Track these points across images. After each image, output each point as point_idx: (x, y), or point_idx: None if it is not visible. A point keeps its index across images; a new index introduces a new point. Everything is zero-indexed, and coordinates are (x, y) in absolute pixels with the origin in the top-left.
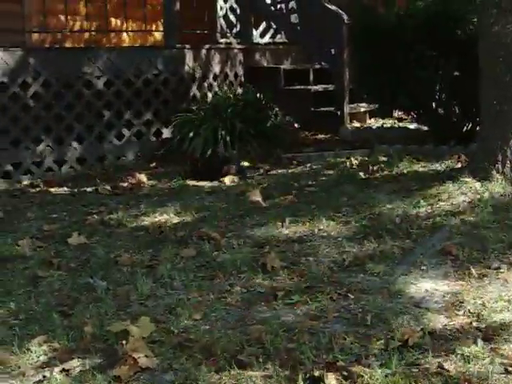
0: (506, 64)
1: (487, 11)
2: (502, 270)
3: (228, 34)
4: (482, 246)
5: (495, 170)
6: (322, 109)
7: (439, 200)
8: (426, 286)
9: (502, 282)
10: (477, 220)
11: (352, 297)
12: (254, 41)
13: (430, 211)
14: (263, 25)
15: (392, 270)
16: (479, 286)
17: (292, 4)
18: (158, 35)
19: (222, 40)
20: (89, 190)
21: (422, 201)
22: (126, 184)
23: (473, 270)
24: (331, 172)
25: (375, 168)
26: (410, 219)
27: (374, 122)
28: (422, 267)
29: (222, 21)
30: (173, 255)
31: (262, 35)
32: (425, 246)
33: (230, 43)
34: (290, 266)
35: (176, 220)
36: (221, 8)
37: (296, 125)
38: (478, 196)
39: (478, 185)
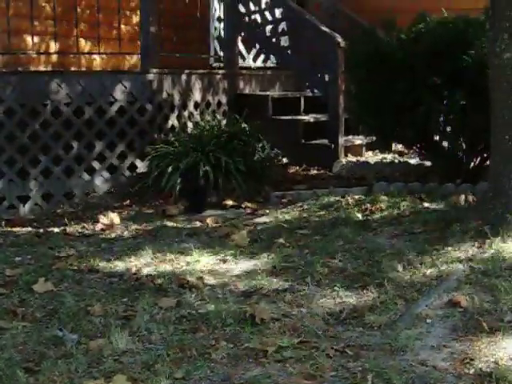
0: None
1: (498, 37)
2: None
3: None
4: (494, 297)
5: (507, 211)
6: (314, 141)
7: (445, 245)
8: (433, 341)
9: None
10: (487, 267)
11: (350, 353)
12: (240, 65)
13: (435, 257)
14: (250, 48)
15: (394, 323)
16: (491, 341)
17: (282, 25)
18: (135, 58)
19: (216, 64)
20: (56, 230)
21: (426, 246)
22: (97, 224)
23: (484, 324)
24: (325, 212)
25: (374, 208)
26: (414, 266)
27: (371, 156)
28: (428, 320)
29: (216, 43)
30: (151, 305)
31: (249, 59)
32: (430, 296)
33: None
34: (282, 318)
35: (154, 265)
36: (215, 29)
37: (285, 159)
38: (489, 241)
39: (488, 228)
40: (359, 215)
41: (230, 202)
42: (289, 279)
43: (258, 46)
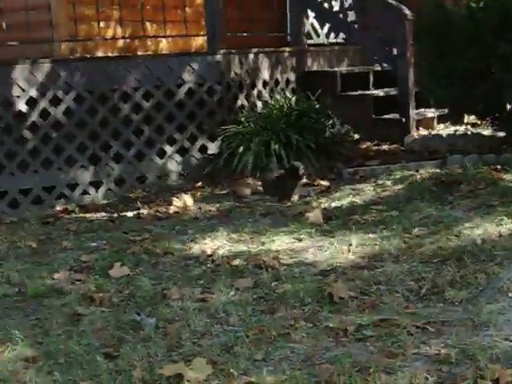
0: None
1: None
2: None
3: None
4: None
5: None
6: (385, 116)
7: None
8: None
9: None
10: None
11: (432, 330)
12: (314, 41)
13: None
14: (322, 24)
15: (475, 298)
16: None
17: (349, 1)
18: (201, 40)
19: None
20: (129, 214)
21: (505, 218)
22: (170, 207)
23: None
24: (399, 187)
25: (449, 181)
26: (493, 239)
27: (443, 129)
28: (510, 294)
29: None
30: (227, 287)
31: (323, 35)
32: (511, 269)
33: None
34: (360, 296)
35: (229, 247)
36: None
37: (356, 135)
38: None
39: None
40: (434, 189)
41: (303, 180)
42: (366, 256)
43: (327, 22)
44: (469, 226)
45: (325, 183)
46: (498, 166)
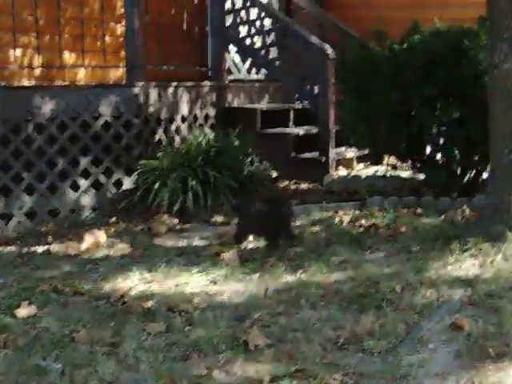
0: None
1: (496, 47)
2: None
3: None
4: (498, 319)
5: (509, 228)
6: (305, 154)
7: (445, 264)
8: (436, 368)
9: None
10: (490, 288)
11: (350, 382)
12: (234, 77)
13: (435, 277)
14: (237, 59)
15: (395, 348)
16: (498, 368)
17: (272, 37)
18: (121, 71)
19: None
20: (40, 250)
21: (425, 264)
22: (82, 243)
23: (489, 349)
24: (318, 229)
25: (369, 224)
26: (413, 287)
27: (363, 169)
28: (430, 345)
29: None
30: (139, 330)
31: (243, 70)
32: (432, 319)
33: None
34: (276, 343)
35: (142, 287)
36: None
37: (275, 173)
38: (490, 259)
39: (488, 245)
40: (354, 232)
41: (219, 219)
42: (282, 301)
43: (249, 57)
44: (388, 273)
45: None
46: (419, 210)
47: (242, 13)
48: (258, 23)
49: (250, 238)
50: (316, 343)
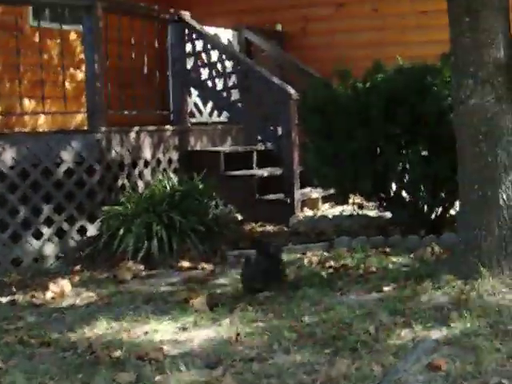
0: (488, 142)
1: (462, 83)
2: None
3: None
4: (476, 358)
5: (481, 264)
6: (269, 196)
7: (418, 303)
8: None
9: None
10: (465, 326)
11: None
12: (198, 120)
13: (408, 316)
14: (199, 102)
15: None
16: None
17: (233, 79)
18: (82, 117)
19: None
20: (3, 300)
21: (398, 304)
22: (47, 292)
23: None
24: (287, 272)
25: (338, 265)
26: (388, 327)
27: (328, 209)
28: None
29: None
30: (108, 381)
31: (206, 113)
32: (408, 360)
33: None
34: None
35: (110, 336)
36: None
37: (240, 216)
38: (464, 297)
39: (461, 283)
40: (323, 273)
41: (185, 264)
42: (255, 347)
43: (210, 100)
44: (361, 314)
45: (209, 267)
46: (387, 249)
47: (203, 55)
48: (219, 65)
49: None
50: None
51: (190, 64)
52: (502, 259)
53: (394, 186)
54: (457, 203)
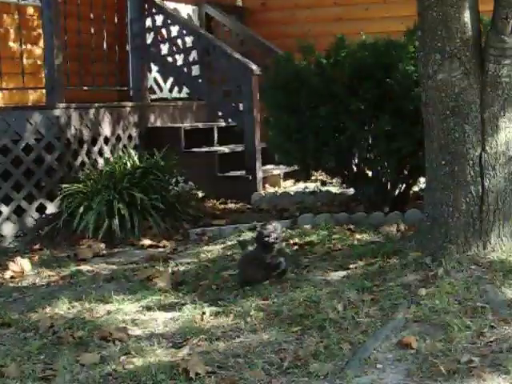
0: (456, 117)
1: (429, 57)
2: (474, 364)
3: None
4: (446, 335)
5: (448, 241)
6: (231, 173)
7: (385, 280)
8: None
9: (477, 378)
10: (434, 303)
11: None
12: (158, 96)
13: (376, 294)
14: (166, 78)
15: (342, 370)
16: None
17: (193, 54)
18: (40, 93)
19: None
20: None
21: (366, 282)
22: (6, 272)
23: (440, 367)
24: (251, 249)
25: (303, 243)
26: (356, 305)
27: (291, 186)
28: (378, 365)
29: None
30: (71, 362)
31: (166, 89)
32: (378, 338)
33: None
34: (218, 370)
35: (72, 316)
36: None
37: (202, 193)
38: (432, 273)
39: (428, 260)
40: (288, 251)
41: (147, 242)
42: (221, 326)
43: (171, 76)
44: (328, 292)
45: (171, 245)
46: (351, 226)
47: (163, 30)
48: (179, 41)
49: None
50: (259, 368)
51: (149, 39)
52: (469, 236)
53: (357, 162)
54: (421, 179)
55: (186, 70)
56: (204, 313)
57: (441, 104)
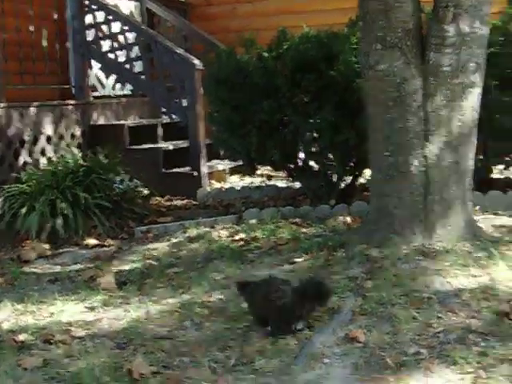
0: (398, 108)
1: (370, 48)
2: (421, 356)
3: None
4: (394, 328)
5: (394, 232)
6: (176, 169)
7: (332, 273)
8: None
9: (425, 370)
10: (381, 295)
11: None
12: (100, 93)
13: None
14: (108, 75)
15: (289, 366)
16: (398, 378)
17: (136, 51)
18: None
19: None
20: None
21: (311, 275)
22: None
23: (387, 359)
24: (196, 246)
25: (248, 238)
26: None
27: (237, 181)
28: (325, 360)
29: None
30: (14, 366)
31: (109, 87)
32: (324, 332)
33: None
34: (163, 370)
35: (14, 319)
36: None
37: (147, 190)
38: (377, 265)
39: (375, 251)
40: (234, 246)
41: (92, 241)
42: (165, 325)
43: (113, 73)
44: None
45: (116, 244)
46: (298, 220)
47: (104, 27)
48: (121, 37)
49: None
50: (205, 367)
51: (91, 36)
52: (415, 226)
53: (302, 156)
54: (367, 171)
55: (128, 66)
56: (148, 311)
57: (383, 94)
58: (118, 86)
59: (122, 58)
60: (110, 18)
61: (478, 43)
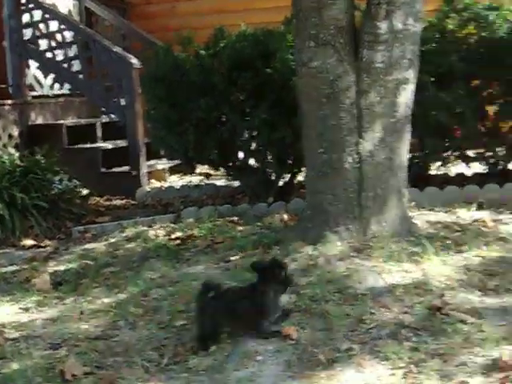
0: (332, 105)
1: (304, 45)
2: (353, 352)
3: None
4: (327, 324)
5: (328, 229)
6: (115, 169)
7: None
8: (266, 381)
9: (357, 366)
10: (315, 292)
11: None
12: (38, 93)
13: None
14: (46, 74)
15: (221, 365)
16: (330, 374)
17: (74, 50)
18: None
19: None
20: None
21: (246, 273)
22: None
23: (320, 356)
24: (133, 245)
25: (185, 236)
26: None
27: (176, 180)
28: (258, 357)
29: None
30: None
31: (47, 86)
32: (257, 330)
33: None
34: (96, 371)
35: None
36: None
37: (85, 190)
38: (312, 262)
39: (309, 249)
40: (170, 245)
41: (29, 242)
42: (100, 325)
43: (51, 72)
44: None
45: (53, 244)
46: (235, 218)
47: (42, 26)
48: (59, 36)
49: None
50: (138, 366)
51: (28, 35)
52: (349, 223)
53: (241, 154)
54: (304, 169)
55: (66, 65)
56: (82, 312)
57: (316, 91)
58: (57, 85)
59: (59, 57)
60: (48, 16)
61: (411, 40)
